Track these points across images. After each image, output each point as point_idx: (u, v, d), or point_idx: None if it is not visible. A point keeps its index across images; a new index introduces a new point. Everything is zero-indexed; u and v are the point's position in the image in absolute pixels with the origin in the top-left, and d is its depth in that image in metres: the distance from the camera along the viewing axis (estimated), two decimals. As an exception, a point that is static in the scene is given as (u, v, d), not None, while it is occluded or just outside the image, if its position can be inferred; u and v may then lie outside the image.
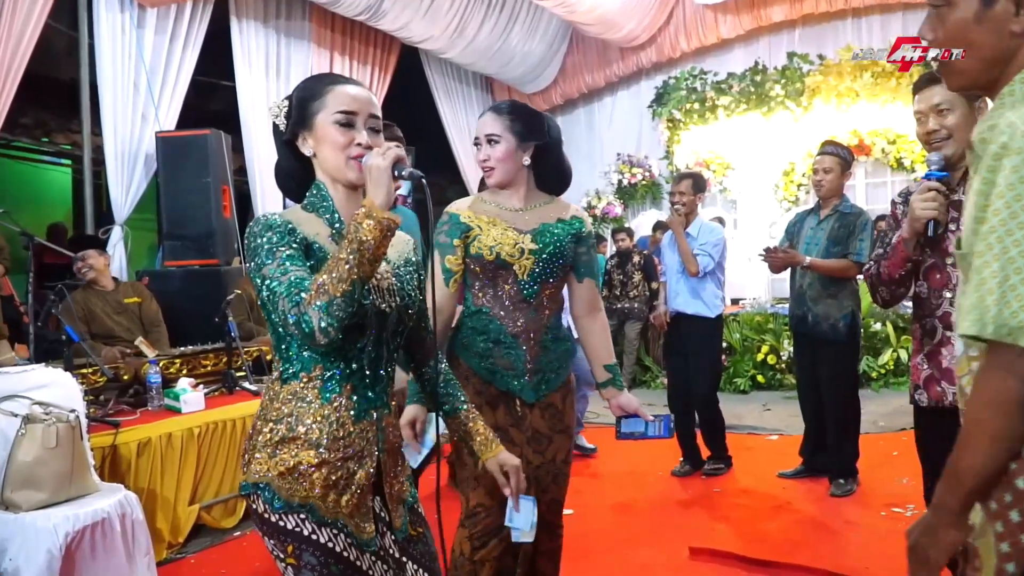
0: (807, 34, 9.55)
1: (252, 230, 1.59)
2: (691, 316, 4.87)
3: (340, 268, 1.46)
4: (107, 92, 6.14)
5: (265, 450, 1.63)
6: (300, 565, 1.59)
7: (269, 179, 7.36)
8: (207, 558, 3.84)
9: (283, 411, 1.63)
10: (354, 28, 8.39)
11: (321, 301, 1.45)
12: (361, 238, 1.46)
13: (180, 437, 3.88)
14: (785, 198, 9.45)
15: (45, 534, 2.83)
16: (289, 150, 1.74)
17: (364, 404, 1.67)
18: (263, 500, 1.61)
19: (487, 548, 2.34)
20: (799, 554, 3.55)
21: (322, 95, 1.66)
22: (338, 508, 1.63)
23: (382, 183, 1.53)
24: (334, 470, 1.62)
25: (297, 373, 1.64)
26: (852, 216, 4.37)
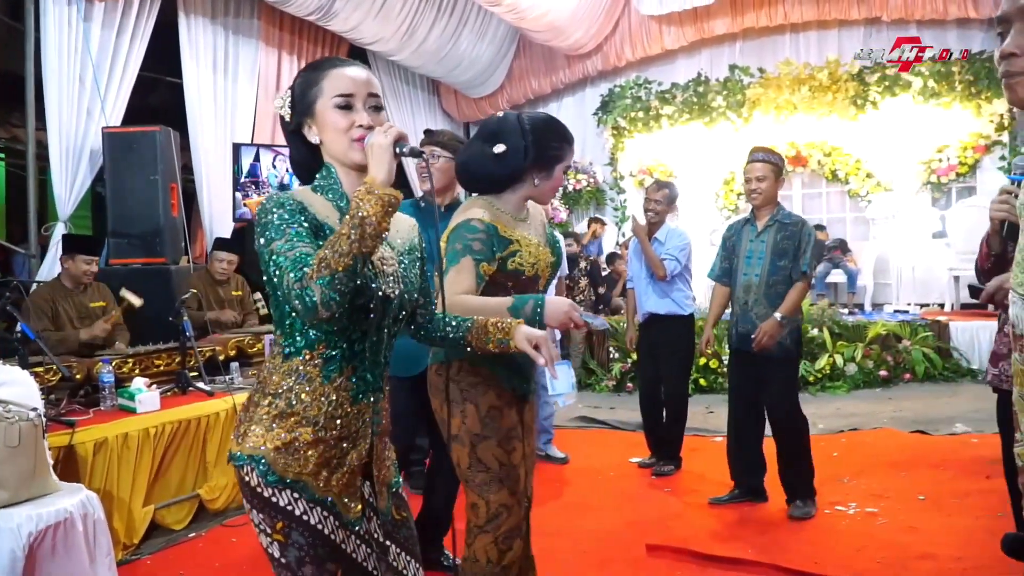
0: (748, 47, 9.86)
1: (264, 207, 1.61)
2: (664, 316, 4.98)
3: (342, 243, 1.49)
4: (52, 86, 5.98)
5: (262, 423, 1.65)
6: (288, 543, 1.62)
7: (215, 177, 7.33)
8: (164, 559, 3.79)
9: (283, 386, 1.66)
10: (303, 28, 8.34)
11: (323, 275, 1.47)
12: (362, 214, 1.49)
13: (136, 437, 3.83)
14: (725, 206, 9.74)
15: (7, 534, 2.77)
16: (297, 139, 1.76)
17: (363, 386, 1.70)
18: (257, 473, 1.62)
19: (513, 551, 2.36)
20: (751, 550, 3.68)
21: (319, 81, 1.69)
22: (328, 486, 1.65)
23: (383, 161, 1.56)
24: (328, 448, 1.65)
25: (300, 350, 1.66)
26: (794, 226, 4.10)
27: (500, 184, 2.42)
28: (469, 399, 2.35)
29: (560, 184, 2.49)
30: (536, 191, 2.44)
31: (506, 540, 2.35)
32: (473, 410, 2.34)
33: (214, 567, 3.68)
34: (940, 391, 6.98)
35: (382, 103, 1.73)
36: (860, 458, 5.09)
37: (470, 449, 2.34)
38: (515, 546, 2.38)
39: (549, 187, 2.45)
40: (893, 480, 4.63)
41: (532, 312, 2.15)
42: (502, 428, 2.36)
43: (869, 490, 4.44)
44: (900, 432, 5.74)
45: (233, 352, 5.11)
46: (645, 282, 5.06)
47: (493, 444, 2.34)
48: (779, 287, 4.10)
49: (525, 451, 2.46)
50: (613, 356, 8.19)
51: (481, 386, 2.35)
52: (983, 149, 8.53)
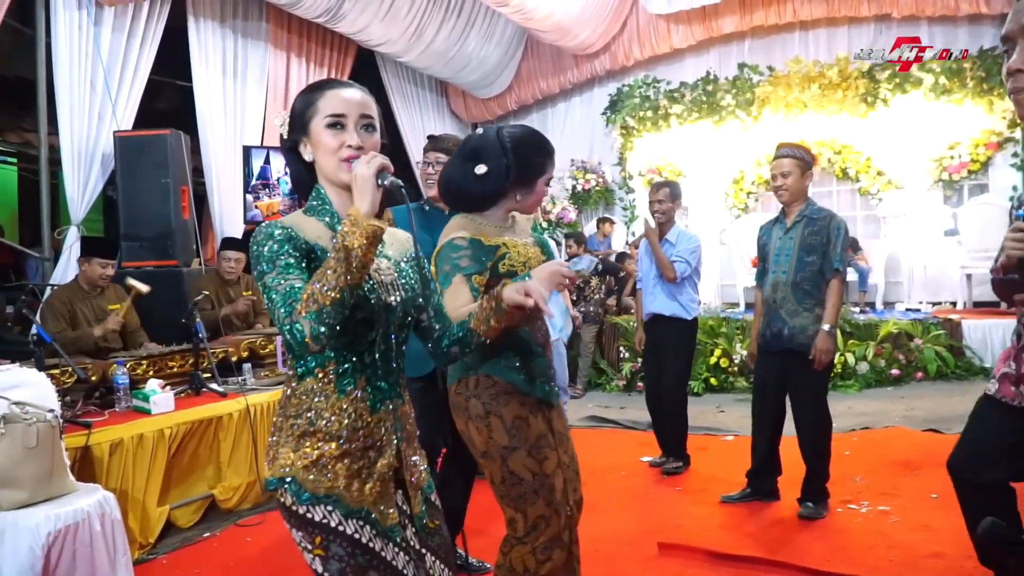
0: (757, 46, 9.83)
1: (255, 239, 1.64)
2: (668, 318, 4.98)
3: (329, 277, 1.50)
4: (64, 91, 6.04)
5: (288, 444, 1.68)
6: (328, 556, 1.64)
7: (225, 180, 7.37)
8: (179, 558, 3.82)
9: (302, 406, 1.69)
10: (311, 30, 8.38)
11: (311, 310, 1.49)
12: (348, 246, 1.50)
13: (151, 438, 3.87)
14: (735, 205, 9.72)
15: (27, 533, 2.81)
16: (294, 157, 1.78)
17: (378, 395, 1.73)
18: (290, 493, 1.65)
19: (552, 561, 2.35)
20: (762, 549, 3.68)
21: (315, 101, 1.71)
22: (362, 496, 1.68)
23: (367, 192, 1.56)
24: (356, 459, 1.68)
25: (312, 369, 1.69)
26: (822, 220, 4.02)
27: (483, 203, 2.42)
28: (493, 412, 2.34)
29: (543, 196, 2.50)
30: (519, 205, 2.45)
31: (545, 551, 2.35)
32: (498, 422, 2.34)
33: (228, 566, 3.71)
34: (952, 389, 6.94)
35: (376, 124, 1.74)
36: (872, 457, 5.08)
37: (501, 463, 2.33)
38: (554, 556, 2.36)
39: (532, 201, 2.46)
40: (905, 479, 4.62)
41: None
42: (530, 437, 2.35)
43: (881, 489, 4.44)
44: (912, 431, 5.72)
45: (245, 353, 5.15)
46: (653, 283, 5.06)
47: (523, 455, 2.33)
48: (806, 284, 4.04)
49: (561, 459, 2.44)
50: (623, 356, 8.19)
51: (503, 397, 2.34)
52: (995, 146, 8.48)
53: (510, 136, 2.39)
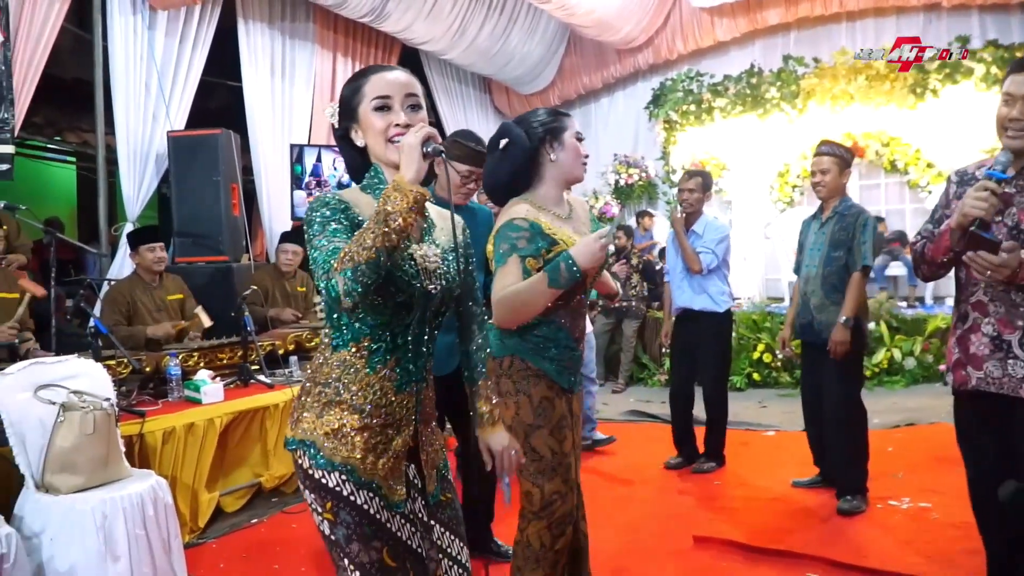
0: (802, 37, 9.71)
1: (311, 206, 1.73)
2: (699, 312, 4.90)
3: (366, 237, 1.56)
4: (120, 92, 6.25)
5: (313, 410, 1.77)
6: (336, 521, 1.73)
7: (274, 177, 7.54)
8: (228, 543, 3.98)
9: (332, 376, 1.77)
10: (356, 30, 8.51)
11: (346, 267, 1.55)
12: (388, 209, 1.57)
13: (201, 427, 4.02)
14: (780, 199, 9.63)
15: (84, 516, 2.96)
16: (346, 144, 1.86)
17: (406, 377, 1.80)
18: (308, 456, 1.74)
19: (565, 536, 2.46)
20: (798, 543, 3.70)
21: (361, 87, 1.79)
22: (375, 470, 1.75)
23: (412, 159, 1.63)
24: (374, 434, 1.76)
25: (347, 342, 1.76)
26: (850, 216, 4.12)
27: (522, 175, 2.49)
28: (522, 390, 2.44)
29: (579, 150, 2.52)
30: (559, 167, 2.49)
31: (559, 526, 2.45)
32: (526, 401, 2.43)
33: (275, 551, 3.84)
34: (1001, 385, 6.82)
35: (421, 102, 1.81)
36: (915, 453, 5.05)
37: (524, 439, 2.42)
38: (567, 532, 2.47)
39: (570, 156, 2.50)
40: (948, 475, 4.55)
41: (568, 272, 2.22)
42: (553, 418, 2.45)
43: (922, 485, 4.41)
44: (957, 426, 5.64)
45: (292, 346, 5.30)
46: (680, 276, 4.99)
47: (545, 433, 2.43)
48: (833, 278, 4.14)
49: (574, 440, 2.56)
50: (665, 351, 8.18)
51: (533, 379, 2.44)
52: (1048, 136, 8.27)
53: (521, 115, 2.55)
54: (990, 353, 2.46)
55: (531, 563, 2.45)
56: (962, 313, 2.56)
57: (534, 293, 2.26)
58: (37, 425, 3.10)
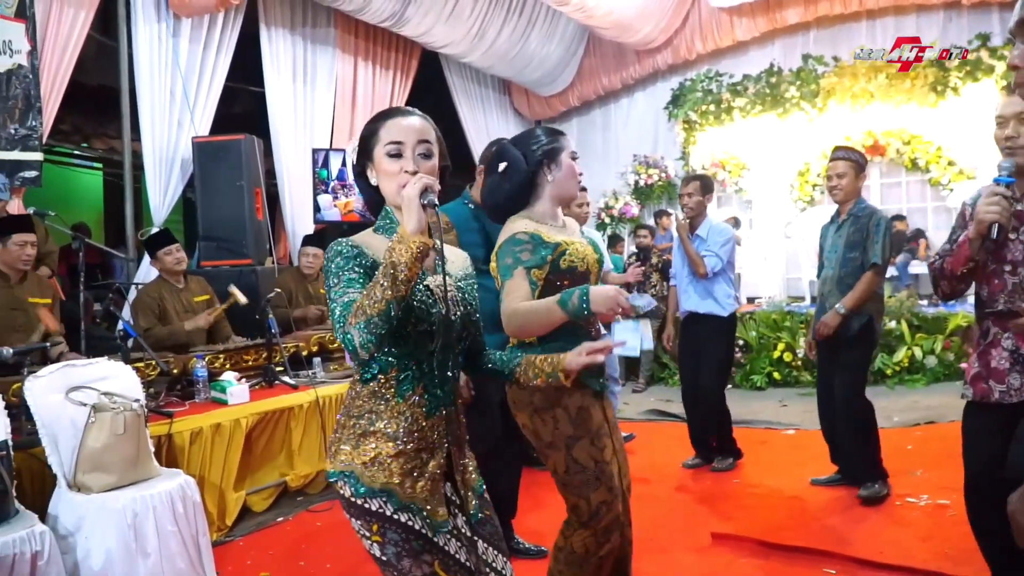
0: (822, 36, 9.67)
1: (327, 254, 1.81)
2: (704, 315, 4.96)
3: (376, 290, 1.63)
4: (145, 99, 6.36)
5: (350, 442, 1.84)
6: (385, 541, 1.79)
7: (296, 181, 7.63)
8: (254, 540, 4.07)
9: (364, 408, 1.84)
10: (377, 34, 8.58)
11: (360, 320, 1.63)
12: (394, 261, 1.64)
13: (228, 427, 4.11)
14: (800, 198, 9.62)
15: (115, 514, 3.05)
16: (363, 182, 1.94)
17: (435, 402, 1.86)
18: (349, 486, 1.81)
19: (611, 542, 2.50)
20: (816, 540, 3.73)
21: (377, 130, 1.86)
22: (414, 493, 1.81)
23: (412, 211, 1.69)
24: (409, 459, 1.82)
25: (375, 375, 1.84)
26: (864, 218, 4.24)
27: (521, 195, 2.56)
28: (559, 404, 2.46)
29: (574, 169, 2.58)
30: (557, 187, 2.56)
31: (605, 533, 2.48)
32: (563, 414, 2.46)
33: (300, 548, 3.93)
34: None
35: (433, 150, 1.87)
36: (934, 451, 5.05)
37: (566, 452, 2.46)
38: (612, 538, 2.50)
39: (567, 177, 2.57)
40: (967, 473, 4.58)
41: (579, 302, 2.23)
42: (592, 427, 2.48)
43: (941, 483, 4.41)
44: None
45: (315, 348, 5.38)
46: (686, 280, 5.05)
47: (587, 444, 2.46)
48: (849, 279, 4.25)
49: (615, 446, 2.58)
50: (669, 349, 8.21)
51: (566, 390, 2.45)
52: (1071, 133, 8.21)
53: (516, 135, 2.62)
54: (1010, 367, 2.52)
55: (573, 567, 2.49)
56: (984, 329, 2.63)
57: (546, 313, 2.29)
58: (69, 426, 3.20)
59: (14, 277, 4.30)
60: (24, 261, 4.27)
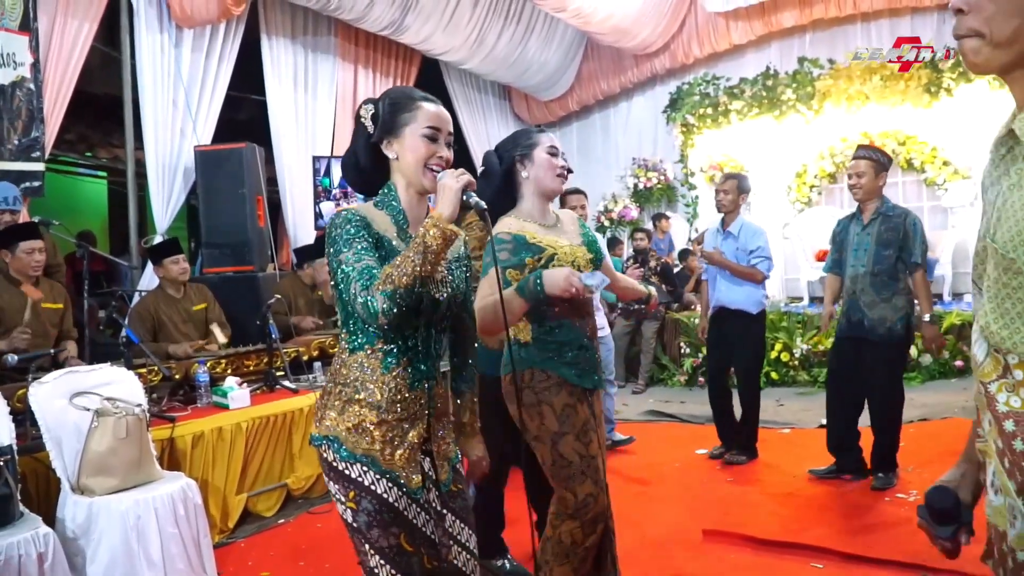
0: (817, 39, 9.76)
1: (334, 222, 1.89)
2: (733, 311, 5.12)
3: (407, 264, 1.74)
4: (148, 108, 6.47)
5: (335, 408, 1.93)
6: (358, 509, 1.89)
7: (298, 188, 7.72)
8: (255, 542, 4.15)
9: (350, 376, 1.93)
10: (377, 42, 8.69)
11: (387, 288, 1.73)
12: (427, 243, 1.75)
13: (229, 431, 4.19)
14: (798, 199, 9.68)
15: (118, 516, 3.14)
16: (371, 151, 2.01)
17: (418, 375, 1.95)
18: (332, 450, 1.91)
19: (596, 533, 2.59)
20: (805, 535, 3.80)
21: (413, 109, 1.95)
22: (392, 461, 1.91)
23: (451, 201, 1.81)
24: (391, 428, 1.92)
25: (363, 345, 1.93)
26: (898, 218, 4.39)
27: (503, 196, 2.66)
28: (544, 400, 2.56)
29: (550, 164, 2.63)
30: (535, 183, 2.63)
31: (591, 524, 2.57)
32: (549, 410, 2.56)
33: (301, 549, 4.01)
34: (1019, 381, 6.83)
35: (452, 141, 2.00)
36: (926, 448, 5.10)
37: (551, 447, 2.55)
38: (597, 529, 2.60)
39: (542, 171, 2.62)
40: (958, 469, 4.64)
41: (535, 286, 2.33)
42: (577, 423, 2.56)
43: (932, 478, 4.32)
44: (969, 421, 5.67)
45: (316, 353, 5.46)
46: (716, 276, 5.22)
47: (572, 439, 2.55)
48: (884, 276, 4.41)
49: (600, 441, 2.67)
50: (684, 351, 8.29)
51: (554, 388, 2.56)
52: (1065, 132, 8.26)
53: (502, 140, 2.72)
54: None
55: (560, 557, 2.57)
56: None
57: (507, 303, 2.34)
58: (73, 430, 3.29)
59: (25, 284, 4.39)
60: (34, 268, 4.35)
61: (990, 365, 1.34)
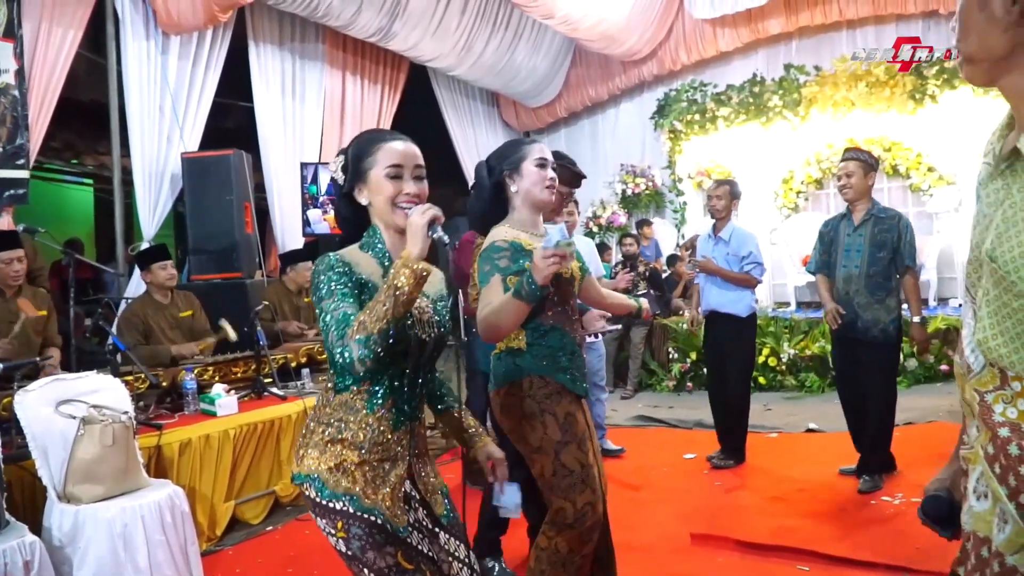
0: (804, 46, 9.84)
1: (317, 268, 1.89)
2: (724, 315, 5.18)
3: (379, 308, 1.73)
4: (135, 116, 6.46)
5: (317, 447, 1.92)
6: (349, 536, 1.86)
7: (286, 195, 7.72)
8: (243, 550, 4.14)
9: (334, 416, 1.93)
10: (365, 49, 8.69)
11: (360, 336, 1.71)
12: (398, 285, 1.73)
13: (217, 438, 4.18)
14: (784, 205, 9.74)
15: (104, 524, 3.13)
16: (347, 200, 2.02)
17: (401, 416, 1.95)
18: (314, 489, 1.89)
19: (592, 541, 2.58)
20: (793, 539, 3.82)
21: (373, 152, 1.95)
22: (375, 500, 1.89)
23: (418, 239, 1.79)
24: (372, 469, 1.91)
25: (349, 386, 1.93)
26: (891, 220, 4.44)
27: (493, 208, 2.66)
28: (547, 409, 2.53)
29: (538, 176, 2.59)
30: (525, 195, 2.61)
31: (590, 532, 2.56)
32: (552, 420, 2.53)
33: (289, 556, 4.00)
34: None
35: (424, 173, 1.98)
36: (911, 451, 5.12)
37: (553, 457, 2.52)
38: (594, 538, 2.58)
39: (531, 183, 2.59)
40: (942, 472, 4.67)
41: (527, 283, 2.29)
42: (578, 432, 2.55)
43: (917, 482, 4.50)
44: (954, 425, 5.68)
45: (304, 359, 5.46)
46: (707, 280, 5.30)
47: (574, 448, 2.53)
48: (878, 277, 4.46)
49: (595, 449, 2.67)
50: (673, 357, 8.31)
51: (555, 396, 2.54)
52: (1048, 138, 8.34)
53: (494, 150, 2.72)
54: None
55: (557, 567, 2.55)
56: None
57: (507, 306, 2.33)
58: (59, 438, 3.27)
59: (8, 293, 4.38)
60: (13, 277, 4.34)
61: (987, 376, 1.37)
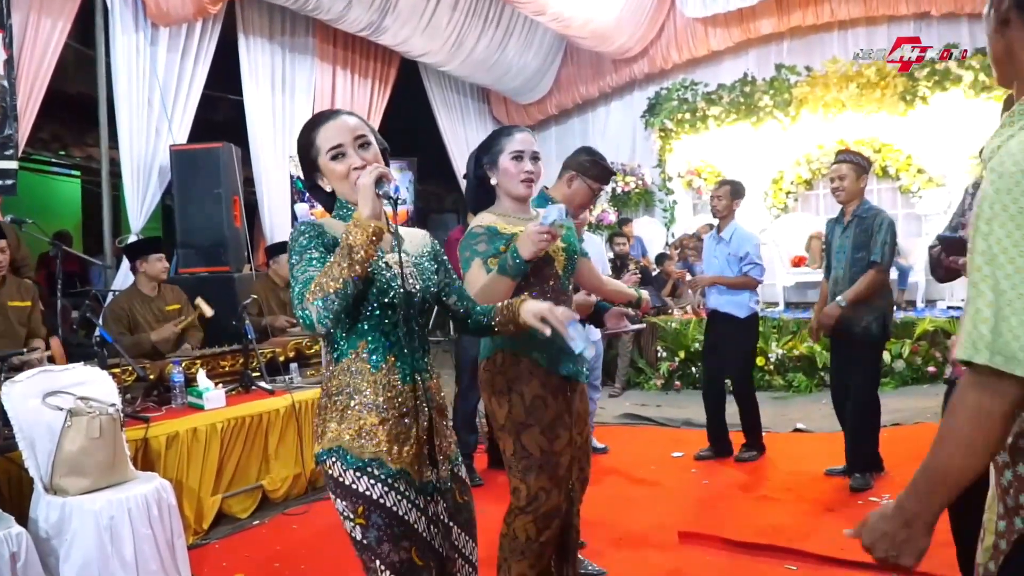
0: (795, 46, 9.86)
1: (292, 233, 1.92)
2: (724, 315, 5.23)
3: (334, 269, 1.75)
4: (123, 108, 6.41)
5: (334, 419, 1.92)
6: (368, 524, 1.86)
7: (275, 189, 7.68)
8: (230, 544, 4.11)
9: (342, 383, 1.92)
10: (356, 43, 8.65)
11: (317, 297, 1.73)
12: (350, 243, 1.76)
13: (204, 432, 4.16)
14: (774, 205, 9.76)
15: (91, 516, 3.11)
16: (317, 191, 2.06)
17: (407, 368, 1.94)
18: (339, 462, 1.88)
19: (551, 529, 2.58)
20: (781, 537, 3.83)
21: (314, 141, 1.97)
22: (401, 458, 1.89)
23: (367, 199, 1.80)
24: (394, 425, 1.90)
25: (347, 351, 1.93)
26: (869, 218, 4.45)
27: (479, 194, 2.70)
28: (515, 389, 2.55)
29: (511, 169, 2.59)
30: (503, 188, 2.64)
31: (544, 520, 2.56)
32: (519, 400, 2.54)
33: (275, 550, 3.98)
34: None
35: (370, 139, 1.98)
36: (898, 452, 5.13)
37: (515, 437, 2.54)
38: (553, 525, 2.58)
39: (507, 175, 2.61)
40: (930, 472, 4.70)
41: (512, 258, 2.33)
42: (546, 417, 2.55)
43: (903, 482, 4.38)
44: (943, 426, 5.76)
45: (292, 353, 5.43)
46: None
47: (536, 432, 2.53)
48: (858, 278, 4.46)
49: (575, 439, 2.66)
50: (661, 355, 8.32)
51: (525, 375, 2.54)
52: (1036, 141, 8.39)
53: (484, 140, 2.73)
54: None
55: (516, 554, 2.57)
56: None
57: (492, 283, 2.39)
58: (46, 430, 3.24)
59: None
60: None
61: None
